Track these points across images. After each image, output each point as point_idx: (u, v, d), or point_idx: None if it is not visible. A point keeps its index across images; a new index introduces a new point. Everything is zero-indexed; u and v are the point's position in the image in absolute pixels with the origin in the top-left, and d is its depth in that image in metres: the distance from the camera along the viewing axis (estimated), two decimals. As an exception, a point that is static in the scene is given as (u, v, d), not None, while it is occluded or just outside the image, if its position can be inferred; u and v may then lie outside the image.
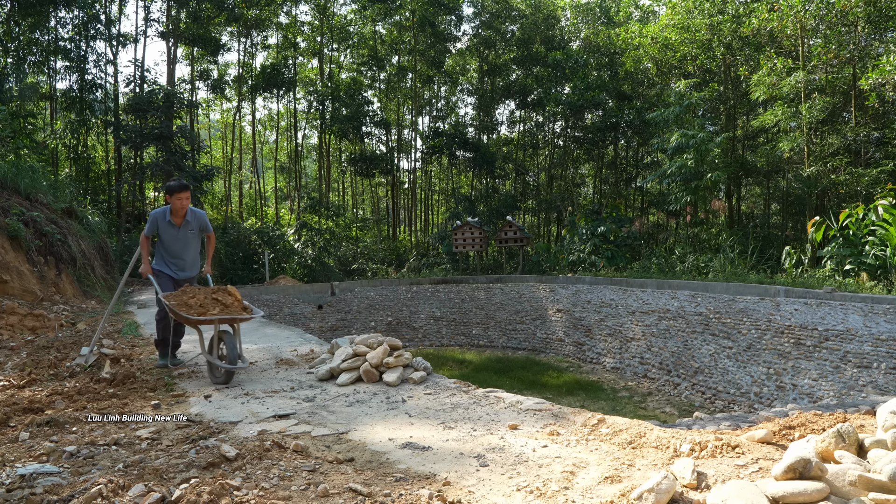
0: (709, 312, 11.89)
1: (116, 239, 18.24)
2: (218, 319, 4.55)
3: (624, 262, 16.90)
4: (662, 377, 12.43)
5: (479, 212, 23.23)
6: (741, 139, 20.39)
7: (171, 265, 5.40)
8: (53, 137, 20.24)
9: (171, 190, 5.25)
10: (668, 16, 18.69)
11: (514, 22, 25.92)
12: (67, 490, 2.28)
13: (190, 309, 4.61)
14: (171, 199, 5.24)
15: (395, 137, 29.07)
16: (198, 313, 4.58)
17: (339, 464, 2.68)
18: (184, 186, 5.28)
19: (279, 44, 27.45)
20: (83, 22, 19.47)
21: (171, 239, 5.32)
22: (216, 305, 4.72)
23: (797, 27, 14.88)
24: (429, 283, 17.79)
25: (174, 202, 5.24)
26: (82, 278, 11.29)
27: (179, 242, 5.35)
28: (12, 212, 9.72)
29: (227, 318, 4.59)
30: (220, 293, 4.89)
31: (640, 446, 2.69)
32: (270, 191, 34.28)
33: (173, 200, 5.24)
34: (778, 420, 2.93)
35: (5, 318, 7.15)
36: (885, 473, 1.84)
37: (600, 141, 24.73)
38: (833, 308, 9.70)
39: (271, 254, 20.18)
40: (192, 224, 5.39)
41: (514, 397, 3.82)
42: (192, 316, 4.54)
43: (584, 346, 14.92)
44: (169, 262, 5.39)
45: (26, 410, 3.64)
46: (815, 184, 14.87)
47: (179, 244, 5.35)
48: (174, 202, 5.24)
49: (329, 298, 16.90)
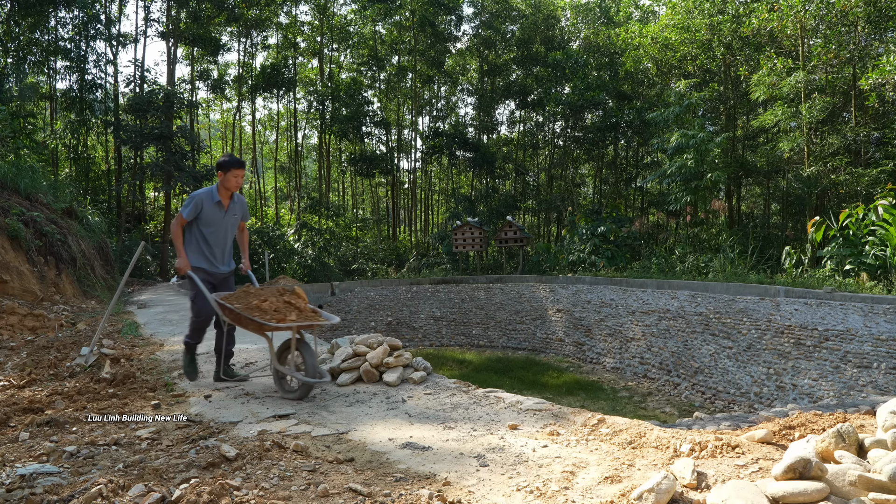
0: (709, 312, 11.89)
1: (116, 239, 18.25)
2: (297, 326, 3.90)
3: (624, 262, 16.90)
4: (662, 377, 12.43)
5: (479, 212, 23.23)
6: (741, 139, 20.39)
7: (210, 258, 4.49)
8: (53, 137, 20.24)
9: (229, 165, 4.39)
10: (668, 16, 18.69)
11: (514, 22, 25.92)
12: (67, 490, 2.28)
13: (265, 314, 3.93)
14: (227, 177, 4.40)
15: (395, 137, 29.07)
16: (276, 319, 3.90)
17: (339, 464, 2.68)
18: (242, 162, 4.48)
19: (279, 44, 27.45)
20: (83, 22, 19.47)
21: (215, 225, 4.46)
22: (291, 310, 4.05)
23: (797, 27, 14.88)
24: (429, 283, 17.79)
25: (230, 180, 4.40)
26: (82, 278, 11.29)
27: (222, 230, 4.51)
28: (12, 212, 9.72)
29: (306, 324, 3.93)
30: (288, 295, 4.19)
31: (640, 446, 2.69)
32: (270, 191, 34.29)
33: (229, 178, 4.40)
34: (778, 420, 2.93)
35: (5, 318, 7.15)
36: (885, 473, 1.84)
37: (600, 141, 24.73)
38: (833, 308, 9.70)
39: (271, 254, 20.18)
40: (237, 209, 4.61)
41: (514, 397, 3.82)
42: (271, 322, 3.85)
43: (584, 346, 14.92)
44: (207, 255, 4.48)
45: (26, 410, 3.64)
46: (815, 184, 14.87)
47: (221, 232, 4.51)
48: (230, 180, 4.40)
49: (329, 298, 16.89)
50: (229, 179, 4.41)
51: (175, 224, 4.41)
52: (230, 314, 4.10)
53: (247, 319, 3.96)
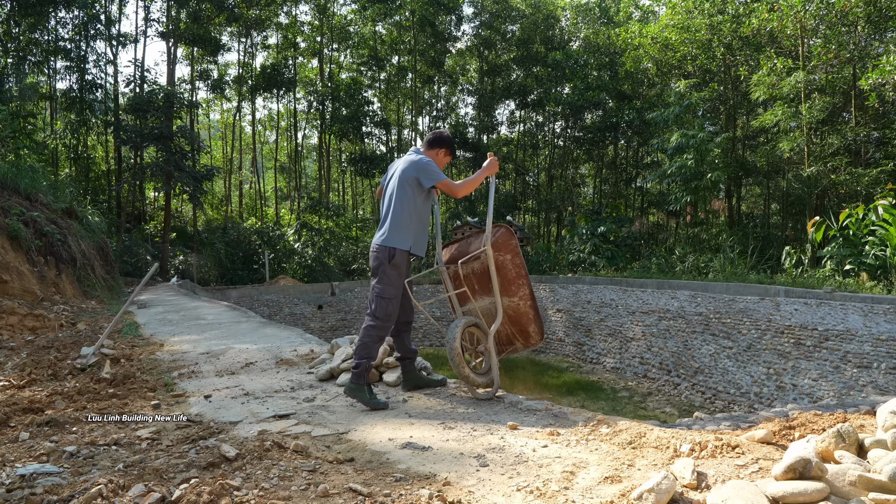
0: (709, 312, 11.89)
1: (116, 239, 18.25)
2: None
3: (624, 262, 16.90)
4: (662, 377, 12.43)
5: (479, 212, 23.23)
6: (741, 139, 20.39)
7: (421, 244, 3.72)
8: (53, 137, 20.25)
9: (453, 150, 3.88)
10: (668, 16, 18.70)
11: (514, 22, 25.93)
12: (67, 490, 2.28)
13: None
14: (441, 157, 3.80)
15: (395, 137, 29.07)
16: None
17: (340, 464, 2.68)
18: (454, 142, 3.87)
19: (279, 44, 27.45)
20: (83, 22, 19.48)
21: (430, 205, 3.79)
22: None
23: (797, 27, 14.88)
24: (429, 283, 17.79)
25: (444, 160, 3.82)
26: (82, 278, 11.29)
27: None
28: (12, 212, 9.72)
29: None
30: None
31: (640, 446, 2.69)
32: (270, 191, 34.29)
33: (443, 158, 3.81)
34: (778, 420, 2.93)
35: (5, 318, 7.15)
36: (885, 473, 1.84)
37: (600, 141, 24.74)
38: (833, 308, 9.70)
39: (271, 254, 20.19)
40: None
41: (514, 397, 3.82)
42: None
43: (584, 346, 14.92)
44: (421, 239, 3.72)
45: (26, 410, 3.64)
46: (815, 184, 14.87)
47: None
48: (444, 160, 3.82)
49: (329, 298, 16.90)
50: (444, 160, 3.83)
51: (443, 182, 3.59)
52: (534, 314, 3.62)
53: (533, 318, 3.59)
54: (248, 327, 7.54)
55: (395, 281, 3.55)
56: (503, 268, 3.49)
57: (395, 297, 3.58)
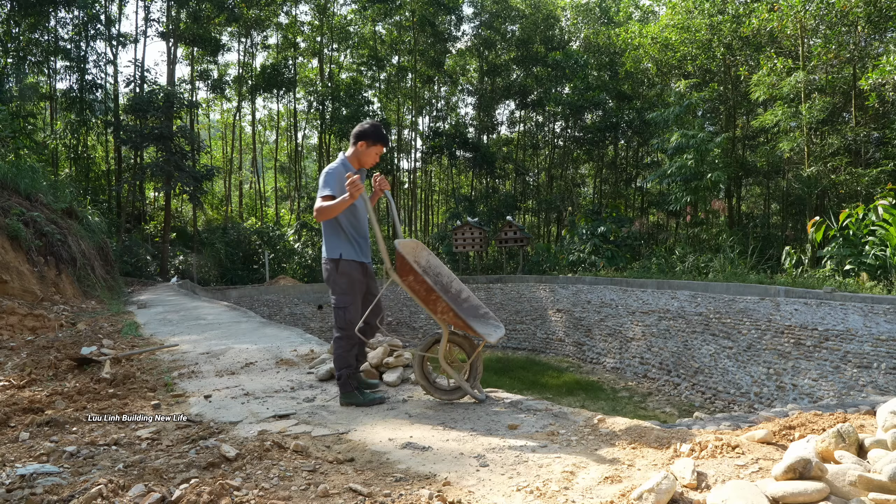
0: (709, 312, 11.89)
1: (116, 239, 18.24)
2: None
3: (624, 263, 16.90)
4: (662, 377, 12.43)
5: (479, 212, 23.23)
6: (741, 139, 20.39)
7: (359, 246, 3.66)
8: (53, 137, 20.25)
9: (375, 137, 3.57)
10: (668, 16, 18.70)
11: (514, 22, 25.92)
12: (67, 490, 2.28)
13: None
14: (368, 151, 3.59)
15: (395, 137, 29.06)
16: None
17: (340, 464, 2.68)
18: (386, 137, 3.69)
19: (279, 44, 27.45)
20: (83, 22, 19.49)
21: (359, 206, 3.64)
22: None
23: (797, 27, 14.88)
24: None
25: (371, 157, 3.62)
26: (82, 278, 11.29)
27: (362, 212, 3.69)
28: (12, 212, 9.72)
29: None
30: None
31: (640, 446, 2.69)
32: (270, 191, 34.29)
33: (370, 153, 3.61)
34: (778, 420, 2.93)
35: (5, 318, 7.15)
36: (885, 473, 1.84)
37: (600, 141, 24.74)
38: (833, 308, 9.70)
39: (271, 254, 20.19)
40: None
41: (514, 397, 3.82)
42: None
43: (584, 346, 14.92)
44: (357, 242, 3.64)
45: (26, 410, 3.64)
46: (815, 184, 14.88)
47: (362, 214, 3.69)
48: (371, 157, 3.62)
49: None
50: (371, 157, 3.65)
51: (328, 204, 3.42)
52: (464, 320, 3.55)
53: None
54: (248, 327, 7.54)
55: (346, 289, 3.60)
56: (412, 290, 3.45)
57: (350, 304, 3.63)
